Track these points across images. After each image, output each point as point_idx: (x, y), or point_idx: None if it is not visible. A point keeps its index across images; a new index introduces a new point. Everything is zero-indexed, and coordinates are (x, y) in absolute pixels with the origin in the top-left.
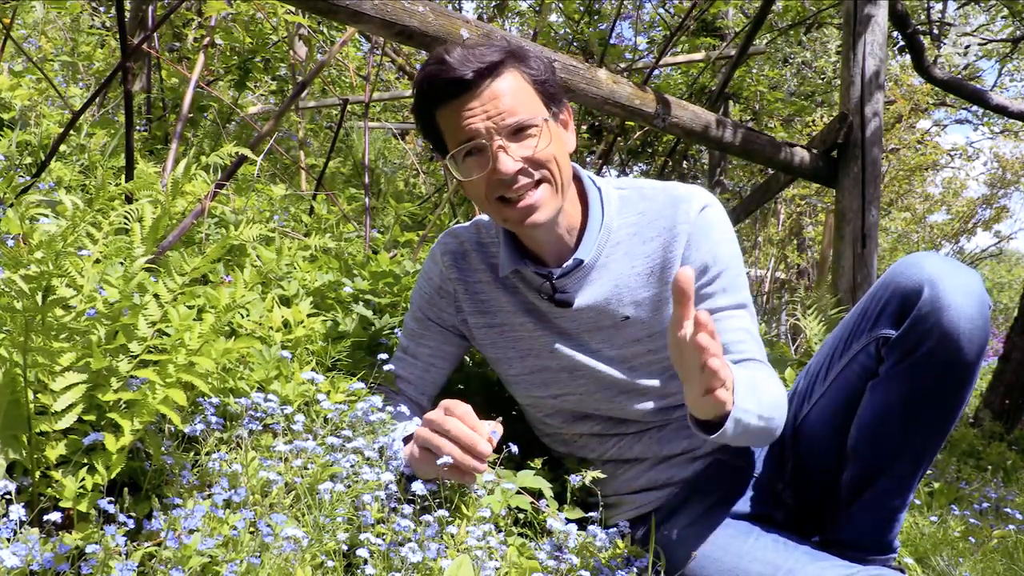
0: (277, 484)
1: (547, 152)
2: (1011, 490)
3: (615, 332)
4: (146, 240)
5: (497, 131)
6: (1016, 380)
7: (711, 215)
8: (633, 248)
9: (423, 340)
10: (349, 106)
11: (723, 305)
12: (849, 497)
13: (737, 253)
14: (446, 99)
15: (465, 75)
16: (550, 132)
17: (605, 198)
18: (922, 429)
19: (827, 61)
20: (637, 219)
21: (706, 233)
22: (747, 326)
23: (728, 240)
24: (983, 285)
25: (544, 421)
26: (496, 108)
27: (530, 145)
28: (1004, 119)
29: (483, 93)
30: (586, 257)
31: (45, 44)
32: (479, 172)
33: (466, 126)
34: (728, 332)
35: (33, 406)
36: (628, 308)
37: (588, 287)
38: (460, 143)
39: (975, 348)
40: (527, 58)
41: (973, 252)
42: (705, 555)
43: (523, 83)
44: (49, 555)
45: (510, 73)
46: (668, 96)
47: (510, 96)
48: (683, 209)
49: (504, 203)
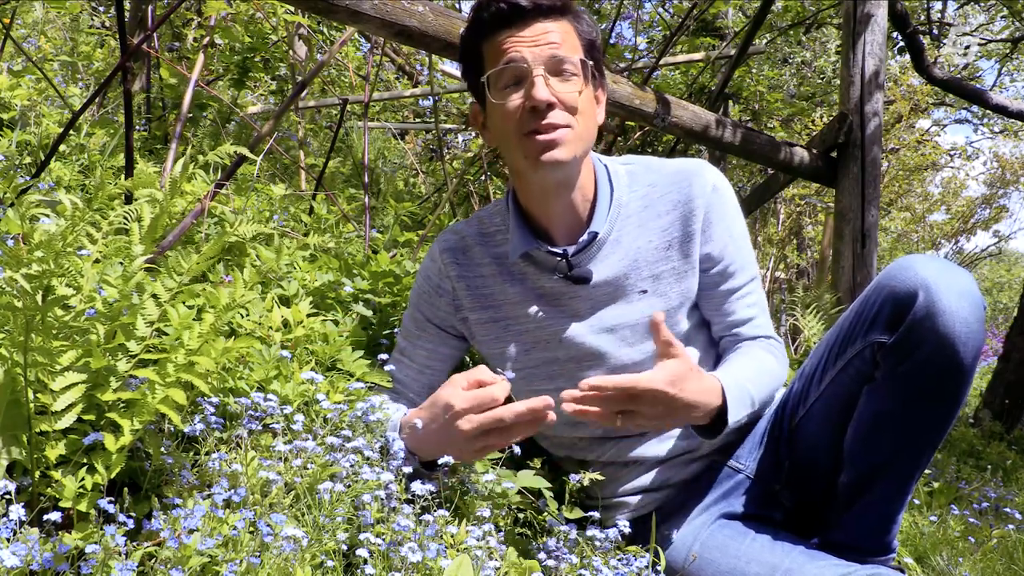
0: (277, 484)
1: (578, 100)
2: (1011, 490)
3: (631, 307)
4: (145, 240)
5: (540, 61)
6: (1016, 380)
7: (723, 190)
8: (647, 221)
9: (419, 342)
10: (349, 106)
11: (742, 282)
12: (847, 499)
13: (744, 225)
14: (498, 27)
15: (524, 4)
16: (587, 83)
17: (613, 173)
18: (919, 432)
19: (827, 61)
20: (647, 191)
21: (722, 210)
22: (759, 299)
23: (739, 214)
24: (976, 286)
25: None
26: (545, 39)
27: (567, 88)
28: (1004, 119)
29: (535, 25)
30: (600, 230)
31: (45, 44)
32: (515, 98)
33: (510, 50)
34: (746, 309)
35: (33, 406)
36: (646, 282)
37: (603, 262)
38: (501, 65)
39: (971, 352)
40: (582, 20)
41: (972, 252)
42: (703, 556)
43: (573, 35)
44: (49, 555)
45: (566, 23)
46: (668, 96)
47: (559, 35)
48: (698, 184)
49: (530, 138)
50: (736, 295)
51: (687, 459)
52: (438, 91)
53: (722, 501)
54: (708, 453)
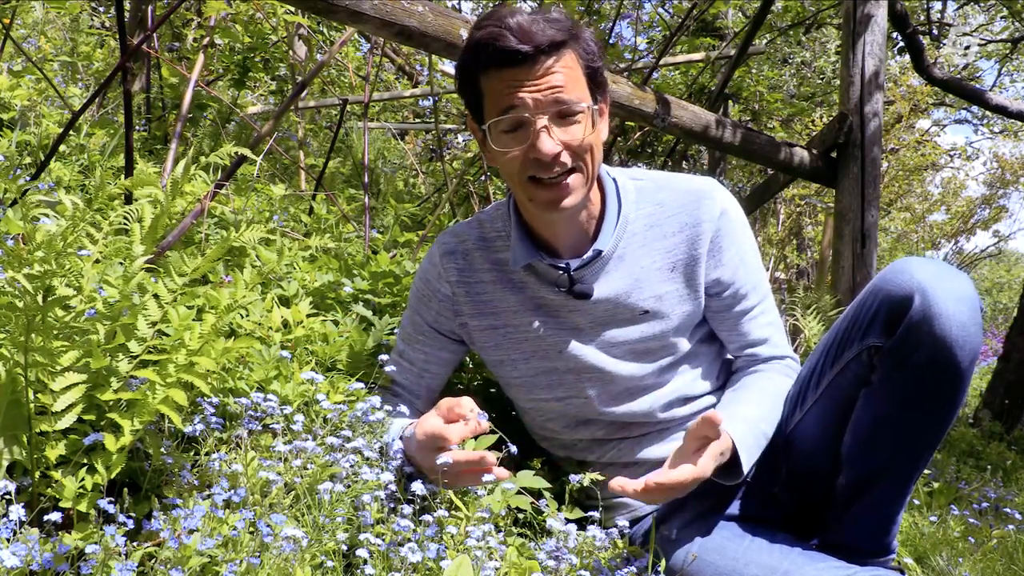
0: (277, 484)
1: (587, 141)
2: (1010, 490)
3: (632, 326)
4: (146, 240)
5: (544, 110)
6: (1016, 380)
7: (733, 213)
8: (653, 241)
9: (418, 345)
10: (348, 106)
11: (754, 303)
12: (845, 502)
13: (755, 245)
14: (498, 65)
15: (525, 50)
16: (592, 121)
17: (622, 188)
18: (917, 435)
19: (827, 61)
20: (654, 210)
21: (731, 235)
22: (773, 319)
23: (749, 237)
24: (973, 288)
25: (544, 426)
26: (548, 83)
27: (573, 132)
28: (1004, 119)
29: (538, 69)
30: (605, 248)
31: (45, 44)
32: (517, 147)
33: (513, 97)
34: (760, 329)
35: (33, 406)
36: (648, 302)
37: (605, 278)
38: (503, 112)
39: (967, 354)
40: (584, 41)
41: (972, 252)
42: (701, 558)
43: (577, 67)
44: (49, 555)
45: (568, 54)
46: (668, 96)
47: (563, 77)
48: (706, 206)
49: (535, 183)
50: (749, 316)
51: None
52: (438, 91)
53: (721, 502)
54: None
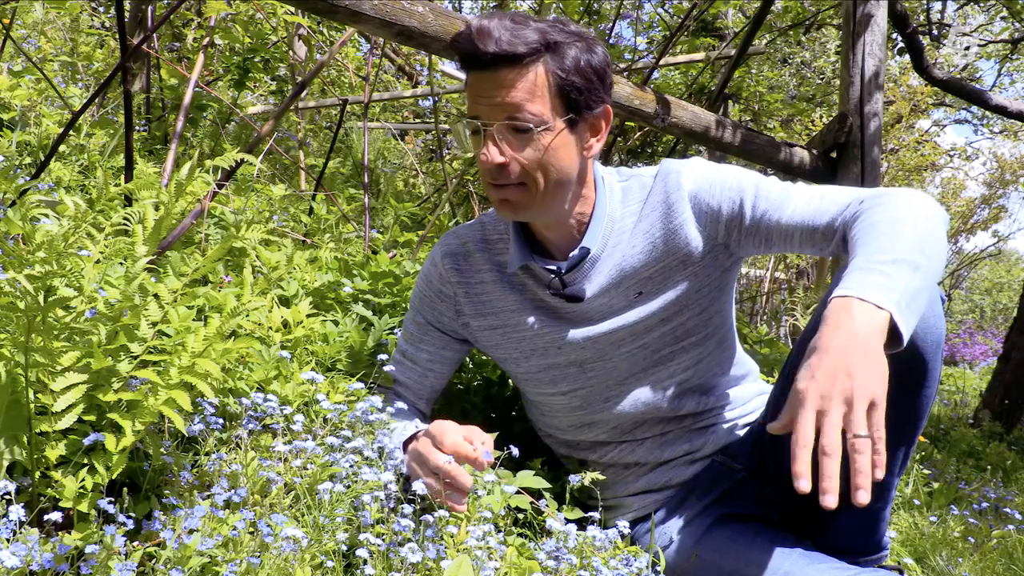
0: (277, 484)
1: (537, 158)
2: (1010, 490)
3: (630, 310)
4: (149, 241)
5: (495, 119)
6: (1015, 380)
7: (697, 168)
8: (637, 233)
9: (421, 344)
10: (348, 106)
11: (785, 203)
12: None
13: (743, 173)
14: (468, 67)
15: (483, 54)
16: (551, 138)
17: (609, 189)
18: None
19: (826, 61)
20: (638, 207)
21: (707, 180)
22: (815, 193)
23: (724, 171)
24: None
25: (549, 423)
26: (502, 96)
27: (523, 147)
28: (1003, 119)
29: (497, 76)
30: (592, 246)
31: (45, 44)
32: (476, 149)
33: (474, 101)
34: (816, 216)
35: (33, 406)
36: (639, 284)
37: (595, 277)
38: (469, 114)
39: (930, 345)
40: (563, 57)
41: (972, 252)
42: (702, 558)
43: (543, 82)
44: (49, 555)
45: (534, 68)
46: (668, 96)
47: (522, 92)
48: (671, 180)
49: (489, 185)
50: (790, 214)
51: (688, 460)
52: (438, 91)
53: (722, 501)
54: (709, 453)
